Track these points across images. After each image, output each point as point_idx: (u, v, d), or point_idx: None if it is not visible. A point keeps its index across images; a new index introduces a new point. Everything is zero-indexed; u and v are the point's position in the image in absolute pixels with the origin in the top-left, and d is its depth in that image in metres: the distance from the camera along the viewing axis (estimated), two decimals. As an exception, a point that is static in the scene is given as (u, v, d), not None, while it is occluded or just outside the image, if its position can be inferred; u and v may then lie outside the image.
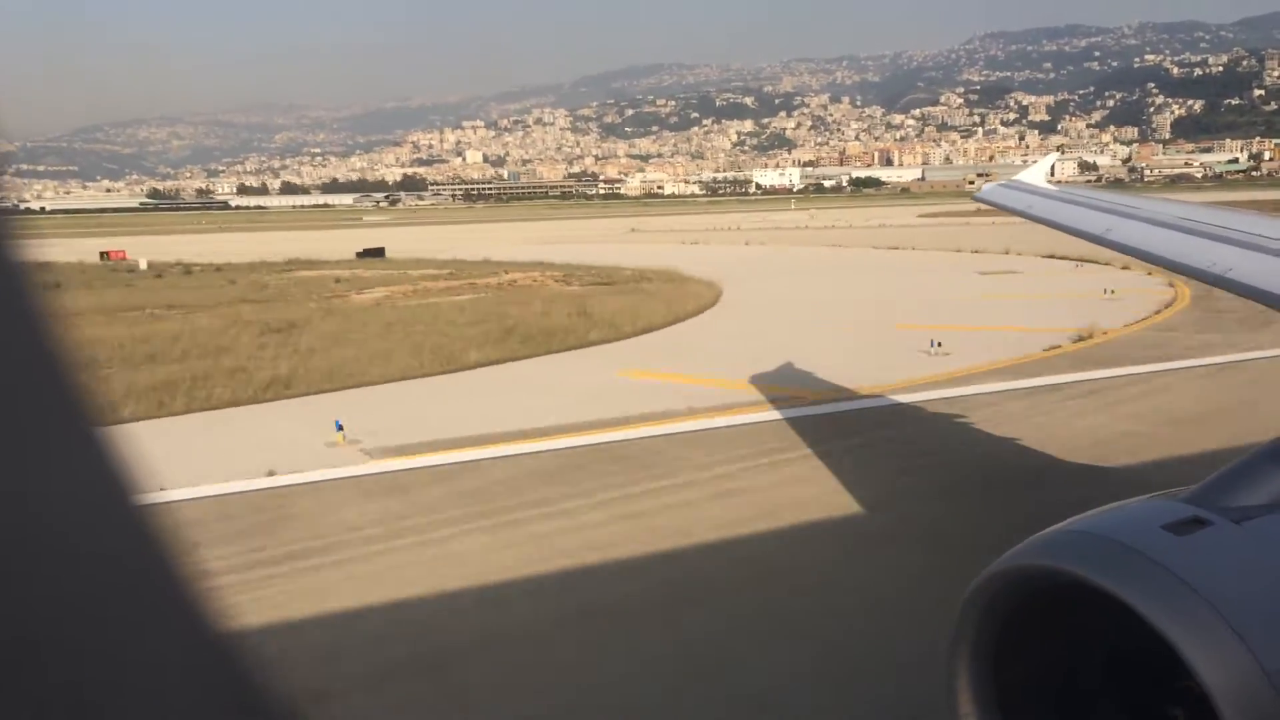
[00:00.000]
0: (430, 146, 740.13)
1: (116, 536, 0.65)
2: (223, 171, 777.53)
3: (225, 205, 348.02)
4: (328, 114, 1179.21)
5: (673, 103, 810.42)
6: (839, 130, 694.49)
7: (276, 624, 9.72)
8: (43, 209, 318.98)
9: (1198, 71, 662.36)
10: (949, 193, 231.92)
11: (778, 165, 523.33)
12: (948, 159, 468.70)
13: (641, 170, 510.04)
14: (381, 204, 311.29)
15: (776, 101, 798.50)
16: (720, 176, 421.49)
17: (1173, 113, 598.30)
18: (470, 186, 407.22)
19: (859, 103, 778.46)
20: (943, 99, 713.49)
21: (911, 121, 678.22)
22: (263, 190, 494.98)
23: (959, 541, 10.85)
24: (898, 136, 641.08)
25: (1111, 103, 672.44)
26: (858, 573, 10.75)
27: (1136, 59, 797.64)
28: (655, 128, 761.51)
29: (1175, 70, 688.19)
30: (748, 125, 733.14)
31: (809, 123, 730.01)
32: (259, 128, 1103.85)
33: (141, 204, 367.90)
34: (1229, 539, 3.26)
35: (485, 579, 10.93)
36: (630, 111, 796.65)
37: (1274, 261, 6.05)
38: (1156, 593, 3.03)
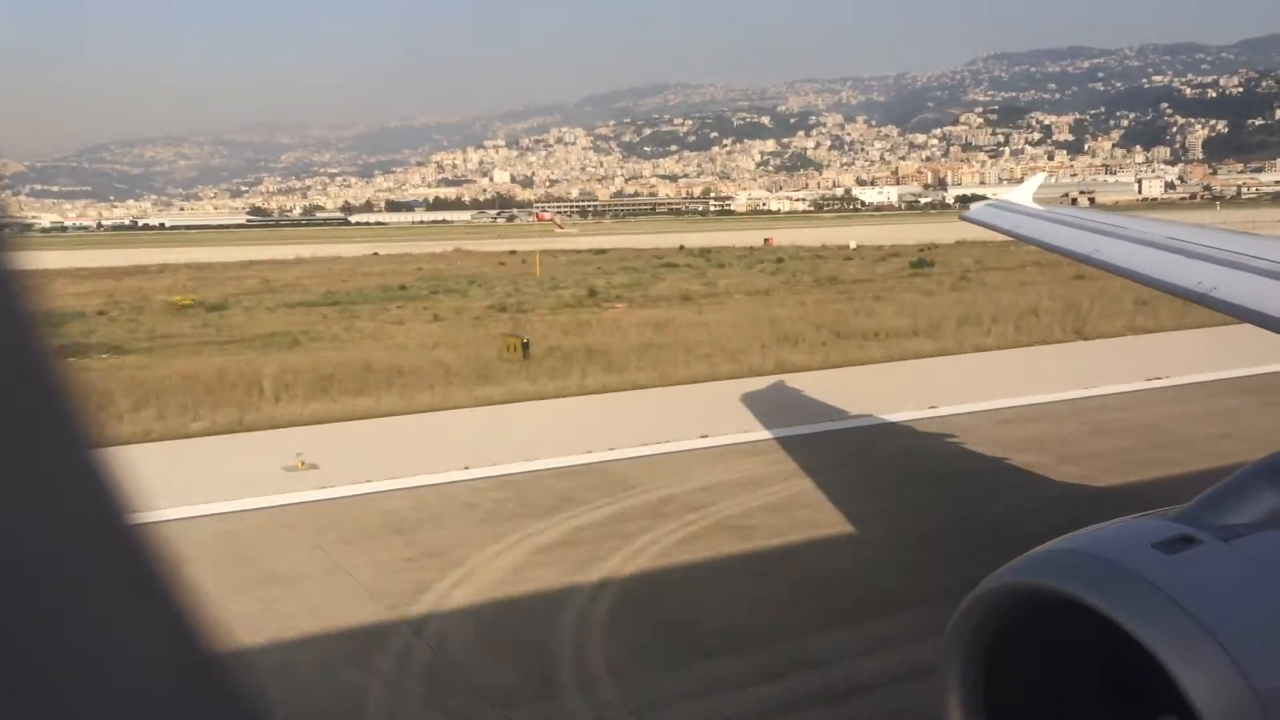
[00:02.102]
0: (454, 166, 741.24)
1: (111, 554, 0.66)
2: (246, 191, 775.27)
3: (345, 220, 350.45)
4: (331, 133, 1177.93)
5: (689, 122, 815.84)
6: (863, 150, 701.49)
7: None
8: (163, 225, 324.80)
9: (1210, 93, 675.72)
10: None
11: (819, 185, 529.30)
12: (1002, 179, 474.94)
13: (696, 189, 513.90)
14: (499, 220, 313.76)
15: (792, 121, 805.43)
16: (826, 194, 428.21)
17: (1196, 133, 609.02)
18: (578, 205, 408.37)
19: (873, 123, 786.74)
20: (962, 119, 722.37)
21: (935, 141, 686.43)
22: (367, 207, 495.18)
23: None
24: (924, 156, 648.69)
25: (1125, 122, 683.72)
26: None
27: (1143, 80, 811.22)
28: (674, 147, 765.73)
29: (1188, 91, 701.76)
30: (769, 145, 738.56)
31: (828, 142, 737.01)
32: (263, 147, 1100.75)
33: (249, 220, 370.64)
34: (1217, 557, 3.28)
35: None
36: (648, 131, 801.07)
37: (1257, 280, 6.09)
38: (1145, 610, 3.05)
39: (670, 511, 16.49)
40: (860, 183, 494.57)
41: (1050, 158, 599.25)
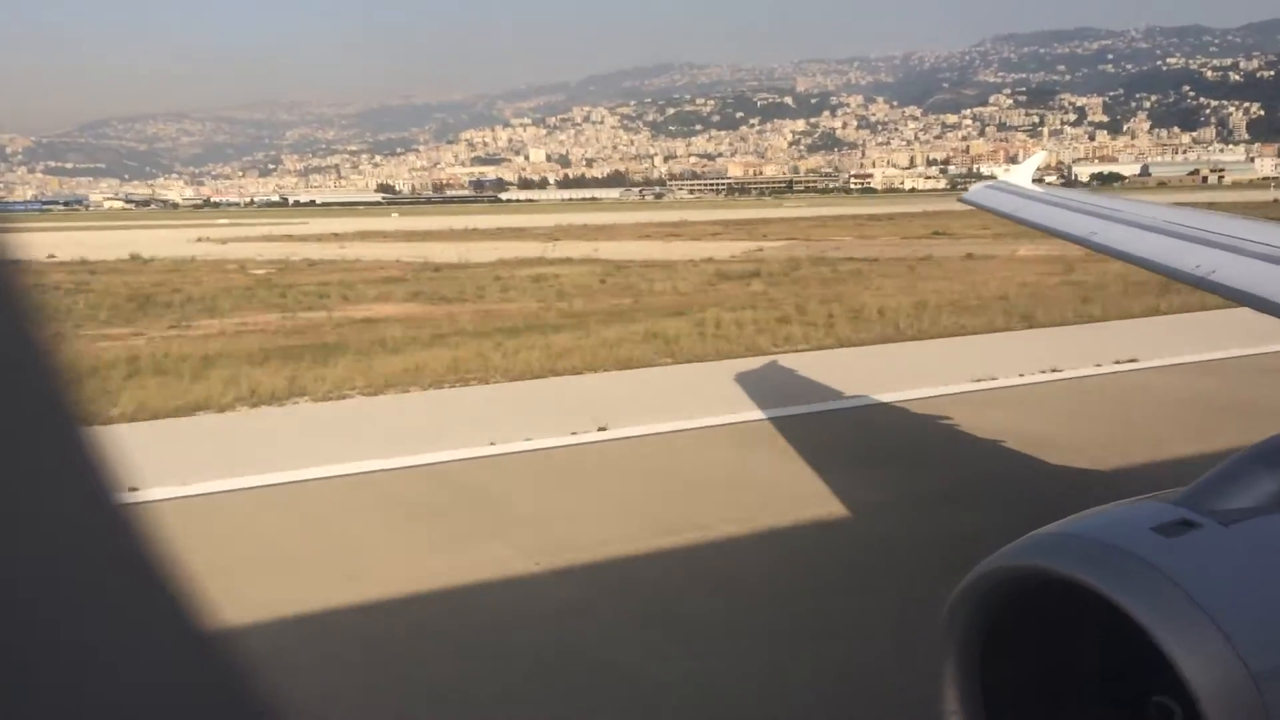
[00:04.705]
0: (485, 145, 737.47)
1: (100, 537, 0.65)
2: (274, 169, 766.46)
3: (495, 198, 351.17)
4: (332, 111, 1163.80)
5: (711, 102, 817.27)
6: (897, 130, 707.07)
7: None
8: (313, 201, 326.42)
9: (1233, 75, 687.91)
10: (1194, 186, 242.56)
11: (873, 164, 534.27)
12: (1075, 158, 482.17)
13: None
14: (647, 196, 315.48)
15: (813, 101, 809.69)
16: (958, 171, 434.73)
17: (1235, 116, 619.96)
18: (709, 184, 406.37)
19: (895, 104, 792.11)
20: (992, 99, 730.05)
21: (969, 122, 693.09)
22: (499, 185, 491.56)
23: None
24: (960, 136, 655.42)
25: (1148, 104, 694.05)
26: None
27: (1156, 62, 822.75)
28: (699, 126, 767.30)
29: (1209, 74, 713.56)
30: (799, 125, 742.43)
31: (854, 122, 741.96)
32: (265, 124, 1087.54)
33: (385, 199, 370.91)
34: (1217, 541, 3.33)
35: None
36: (671, 110, 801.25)
37: (1258, 264, 6.23)
38: (1145, 593, 3.09)
39: None
40: (937, 163, 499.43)
41: (1091, 138, 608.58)
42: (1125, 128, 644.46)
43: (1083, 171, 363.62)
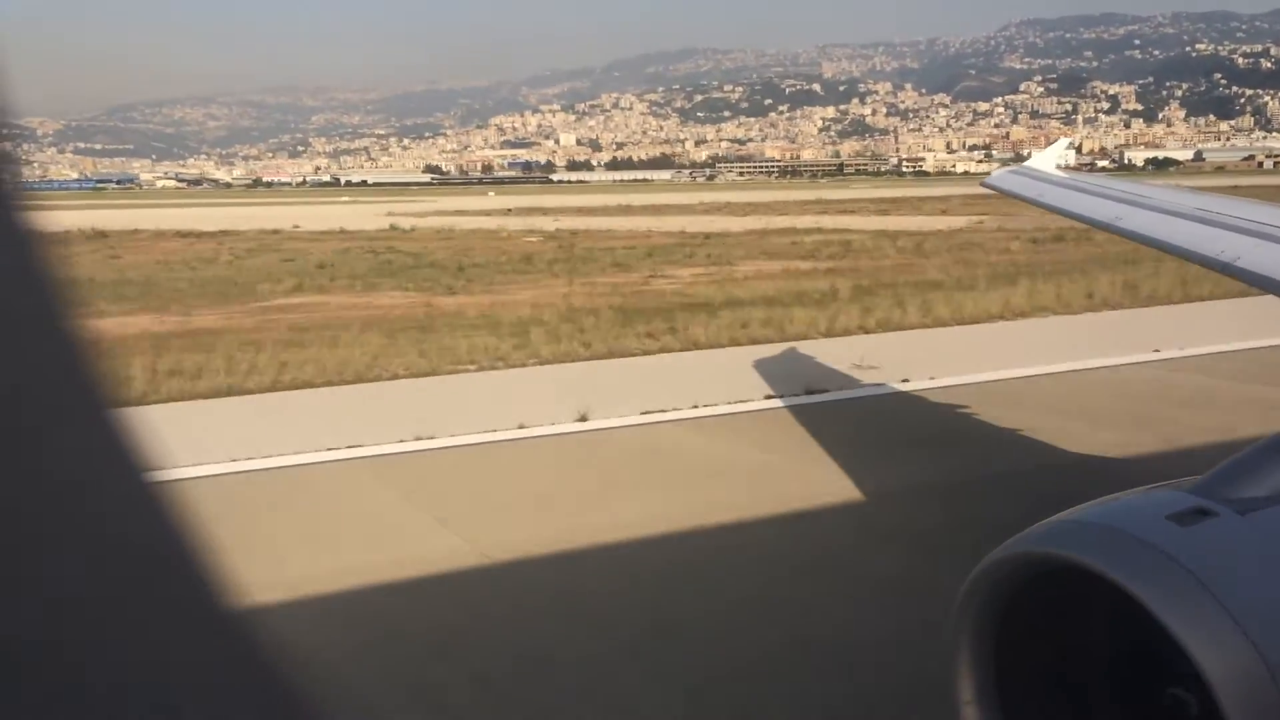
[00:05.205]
0: (514, 129, 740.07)
1: (130, 517, 0.65)
2: (303, 152, 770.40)
3: (547, 179, 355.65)
4: (356, 96, 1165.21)
5: (739, 88, 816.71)
6: (929, 117, 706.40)
7: None
8: (365, 181, 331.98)
9: (1265, 63, 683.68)
10: (1252, 171, 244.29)
11: (908, 150, 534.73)
12: (1118, 145, 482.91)
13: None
14: (697, 178, 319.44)
15: (841, 89, 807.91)
16: (1003, 156, 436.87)
17: (1272, 105, 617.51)
18: (761, 167, 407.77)
19: (923, 91, 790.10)
20: (1023, 87, 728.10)
21: (1000, 109, 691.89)
22: (549, 167, 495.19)
23: None
24: (993, 124, 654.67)
25: (1179, 92, 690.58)
26: None
27: (1185, 49, 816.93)
28: (727, 113, 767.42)
29: (1240, 61, 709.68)
30: (829, 111, 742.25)
31: (884, 109, 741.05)
32: (290, 109, 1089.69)
33: (434, 179, 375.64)
34: (1234, 530, 3.27)
35: None
36: (699, 97, 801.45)
37: None
38: (1159, 582, 3.04)
39: None
40: (978, 149, 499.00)
41: (1127, 125, 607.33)
42: (1160, 115, 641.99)
43: (1136, 156, 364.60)
